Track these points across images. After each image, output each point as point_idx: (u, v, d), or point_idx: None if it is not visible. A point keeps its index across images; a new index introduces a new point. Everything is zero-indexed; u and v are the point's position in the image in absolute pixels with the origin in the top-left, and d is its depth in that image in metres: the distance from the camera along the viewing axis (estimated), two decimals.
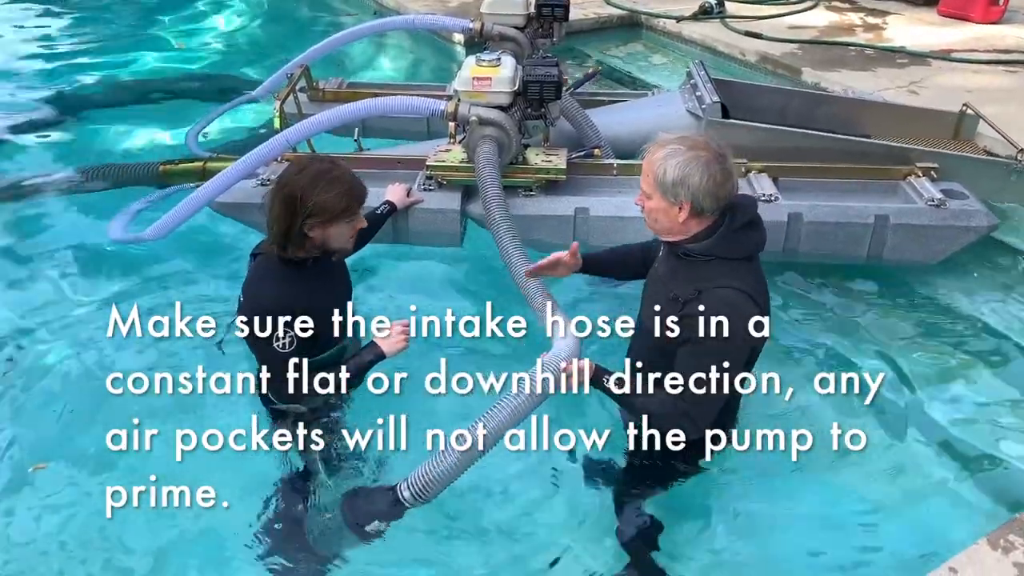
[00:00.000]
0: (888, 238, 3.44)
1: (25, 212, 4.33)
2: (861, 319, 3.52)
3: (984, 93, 4.98)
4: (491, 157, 3.35)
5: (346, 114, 3.52)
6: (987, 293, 3.65)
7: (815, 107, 4.33)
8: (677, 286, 2.31)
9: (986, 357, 3.34)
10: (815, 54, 5.96)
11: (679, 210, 2.24)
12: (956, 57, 5.87)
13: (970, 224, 3.43)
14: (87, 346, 3.37)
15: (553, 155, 3.68)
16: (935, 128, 4.26)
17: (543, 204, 3.60)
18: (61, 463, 2.90)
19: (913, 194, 3.56)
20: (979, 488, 2.80)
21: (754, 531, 2.65)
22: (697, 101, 3.96)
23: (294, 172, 2.46)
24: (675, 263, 2.37)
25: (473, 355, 2.91)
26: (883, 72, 5.56)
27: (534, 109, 3.53)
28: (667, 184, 2.21)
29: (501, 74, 3.37)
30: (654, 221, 2.33)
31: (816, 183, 3.65)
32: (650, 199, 2.28)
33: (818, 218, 3.44)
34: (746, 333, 2.25)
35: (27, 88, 5.96)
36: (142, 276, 3.80)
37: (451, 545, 2.64)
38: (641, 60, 6.35)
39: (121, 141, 5.15)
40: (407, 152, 4.01)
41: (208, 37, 7.29)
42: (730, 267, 2.29)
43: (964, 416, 3.07)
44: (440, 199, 3.62)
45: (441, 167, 3.61)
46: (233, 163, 3.58)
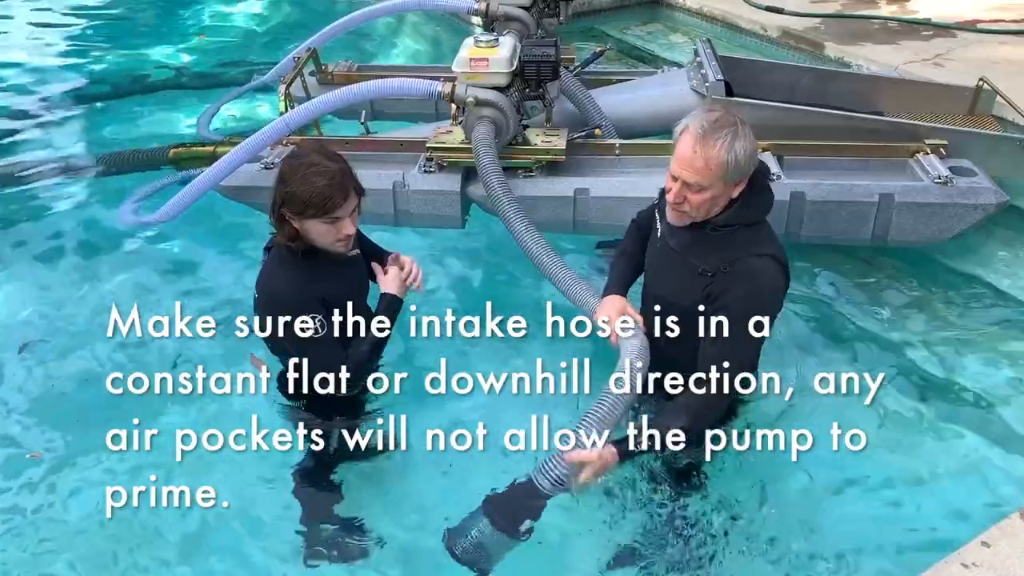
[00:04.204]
0: (893, 217, 3.45)
1: (33, 197, 4.49)
2: (878, 295, 3.57)
3: (1011, 65, 4.95)
4: (487, 138, 3.41)
5: (346, 97, 3.61)
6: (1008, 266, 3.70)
7: (826, 84, 4.32)
8: (701, 259, 2.30)
9: (1009, 329, 3.37)
10: (838, 28, 5.93)
11: (736, 187, 2.25)
12: (983, 28, 5.78)
13: (978, 202, 3.42)
14: (90, 338, 3.43)
15: (553, 135, 3.73)
16: (950, 104, 4.23)
17: (543, 185, 3.66)
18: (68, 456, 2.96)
19: (920, 172, 3.56)
20: (1010, 461, 2.81)
21: (780, 506, 2.68)
22: (701, 79, 4.00)
23: (290, 155, 2.50)
24: (691, 236, 2.35)
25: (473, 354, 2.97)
26: (907, 45, 5.51)
27: (532, 89, 3.59)
28: (739, 167, 2.19)
29: (498, 55, 3.44)
30: (705, 211, 2.27)
31: (821, 161, 3.66)
32: (705, 191, 2.22)
33: (821, 197, 3.45)
34: (779, 302, 2.31)
35: (48, 77, 6.19)
36: (150, 261, 3.92)
37: None
38: (661, 39, 6.37)
39: (139, 128, 5.32)
40: (410, 134, 4.10)
41: (230, 27, 7.45)
42: (755, 233, 2.31)
43: (991, 390, 3.09)
44: (440, 181, 3.69)
45: (441, 148, 3.69)
46: (236, 147, 3.69)
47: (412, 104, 4.51)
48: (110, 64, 6.48)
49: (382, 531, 2.65)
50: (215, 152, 4.22)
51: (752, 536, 2.59)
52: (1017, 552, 2.10)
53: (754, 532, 2.60)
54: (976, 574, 2.06)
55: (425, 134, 3.87)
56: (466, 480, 2.72)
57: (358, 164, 3.60)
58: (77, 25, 7.44)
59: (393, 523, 2.68)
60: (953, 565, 2.08)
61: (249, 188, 3.72)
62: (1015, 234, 3.82)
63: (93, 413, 3.01)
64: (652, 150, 3.79)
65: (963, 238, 3.62)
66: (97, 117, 5.53)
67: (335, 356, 2.49)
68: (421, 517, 2.68)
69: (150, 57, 6.60)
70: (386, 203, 3.69)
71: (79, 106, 5.67)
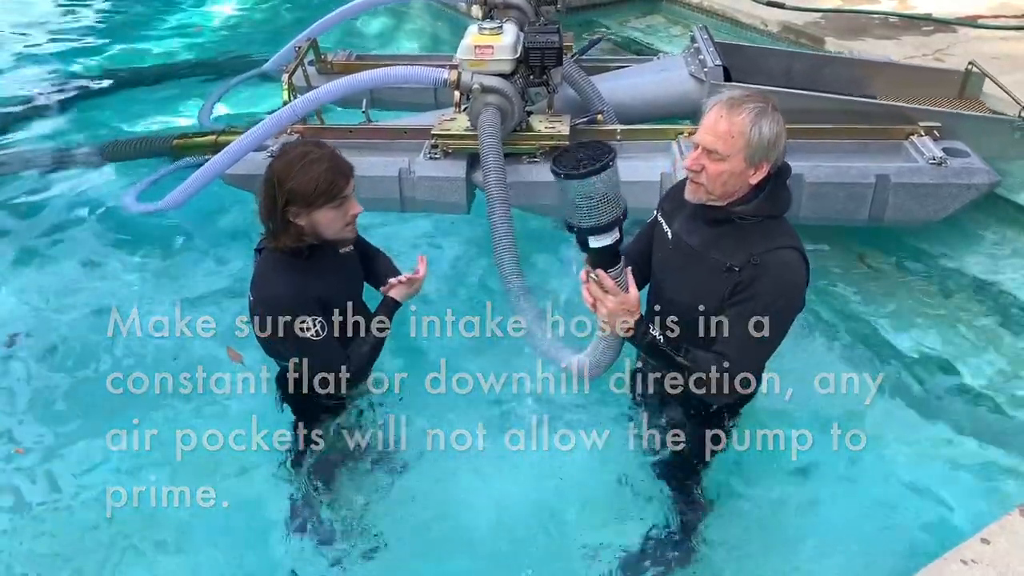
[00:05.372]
0: (890, 198, 3.55)
1: (36, 187, 4.56)
2: (872, 287, 3.64)
3: (1011, 60, 5.02)
4: (494, 125, 3.48)
5: (353, 84, 3.68)
6: (995, 251, 3.78)
7: (820, 69, 4.45)
8: (725, 255, 2.26)
9: (1008, 325, 3.41)
10: (838, 23, 6.01)
11: (755, 171, 2.21)
12: (983, 24, 5.85)
13: (971, 182, 3.53)
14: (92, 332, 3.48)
15: (556, 121, 3.84)
16: (941, 87, 4.36)
17: (547, 170, 3.68)
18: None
19: (915, 153, 3.67)
20: (1009, 458, 2.84)
21: (779, 505, 2.72)
22: (700, 64, 4.11)
23: (276, 157, 2.47)
24: (710, 231, 2.32)
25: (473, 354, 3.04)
26: (908, 40, 5.59)
27: (536, 76, 3.68)
28: (761, 145, 2.16)
29: (503, 42, 3.51)
30: (721, 185, 2.22)
31: (818, 144, 3.76)
32: (723, 162, 2.19)
33: (819, 179, 3.56)
34: (804, 293, 2.30)
35: (49, 68, 6.30)
36: (149, 256, 3.98)
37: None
38: (661, 32, 6.46)
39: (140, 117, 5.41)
40: (413, 122, 4.19)
41: (226, 19, 7.57)
42: (778, 226, 2.28)
43: (990, 386, 3.12)
44: (446, 167, 3.79)
45: (446, 136, 3.78)
46: (242, 135, 3.77)
47: (409, 93, 4.63)
48: (108, 56, 6.61)
49: (382, 529, 2.68)
50: (217, 141, 4.30)
51: (751, 533, 2.63)
52: (1016, 549, 2.12)
53: (753, 529, 2.64)
54: (975, 570, 2.07)
55: (427, 122, 3.97)
56: (463, 479, 2.77)
57: (363, 152, 3.78)
58: (74, 16, 7.59)
59: (392, 522, 2.70)
60: (953, 562, 2.10)
61: (255, 177, 3.65)
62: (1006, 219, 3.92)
63: (92, 411, 3.07)
64: (652, 135, 3.91)
65: (963, 234, 3.73)
66: (96, 108, 5.61)
67: (335, 357, 2.52)
68: (419, 516, 2.71)
69: (148, 49, 6.73)
70: (392, 189, 3.79)
71: (78, 97, 5.76)
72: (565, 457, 2.78)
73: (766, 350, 2.34)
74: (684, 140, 3.80)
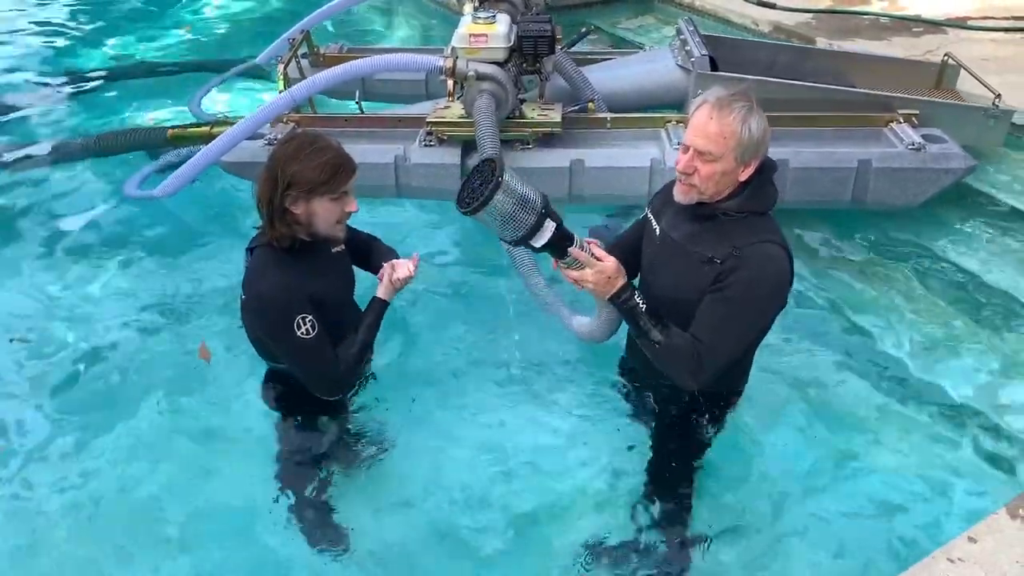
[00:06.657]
0: (871, 182, 3.72)
1: (23, 182, 4.62)
2: (859, 273, 3.73)
3: (1000, 62, 5.16)
4: (489, 111, 3.60)
5: (350, 71, 3.79)
6: (966, 237, 3.92)
7: (802, 61, 4.64)
8: (707, 248, 2.29)
9: (1000, 324, 3.46)
10: (829, 24, 6.15)
11: (744, 169, 2.25)
12: (972, 25, 5.99)
13: (948, 166, 3.71)
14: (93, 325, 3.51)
15: (549, 109, 3.99)
16: (918, 78, 4.56)
17: (539, 156, 3.91)
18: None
19: (895, 139, 3.85)
20: (996, 456, 2.89)
21: (771, 503, 2.75)
22: (687, 55, 4.27)
23: (283, 142, 2.50)
24: (694, 226, 2.35)
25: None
26: (898, 41, 5.72)
27: (529, 64, 3.84)
28: (752, 143, 2.20)
29: (497, 30, 3.65)
30: (713, 185, 2.26)
31: (802, 132, 3.92)
32: (716, 162, 2.22)
33: (803, 164, 3.71)
34: (784, 294, 2.32)
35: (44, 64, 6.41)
36: (147, 250, 4.02)
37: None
38: (653, 32, 6.59)
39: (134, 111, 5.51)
40: (407, 111, 4.32)
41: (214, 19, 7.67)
42: (762, 222, 2.31)
43: (977, 387, 3.17)
44: (441, 154, 3.93)
45: (441, 123, 3.91)
46: (236, 123, 3.87)
47: (400, 85, 4.78)
48: (100, 51, 6.70)
49: (380, 528, 2.70)
50: (211, 132, 4.37)
51: (744, 531, 2.66)
52: (1003, 547, 2.14)
53: (746, 527, 2.67)
54: (962, 569, 2.09)
55: (422, 111, 4.10)
56: (459, 479, 2.81)
57: (359, 140, 3.90)
58: (67, 12, 7.70)
59: (390, 522, 2.72)
60: (940, 560, 2.12)
61: (251, 164, 3.85)
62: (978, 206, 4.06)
63: (91, 410, 3.10)
64: (640, 123, 4.08)
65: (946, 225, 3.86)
66: (87, 102, 5.67)
67: (327, 356, 2.54)
68: (415, 515, 2.74)
69: (138, 45, 6.83)
70: (388, 176, 3.92)
71: (70, 91, 5.83)
72: (557, 455, 2.86)
73: (740, 340, 2.37)
74: (672, 128, 3.96)
